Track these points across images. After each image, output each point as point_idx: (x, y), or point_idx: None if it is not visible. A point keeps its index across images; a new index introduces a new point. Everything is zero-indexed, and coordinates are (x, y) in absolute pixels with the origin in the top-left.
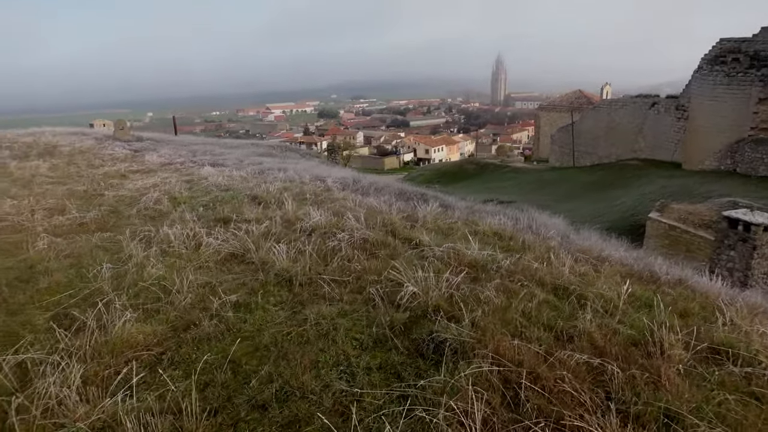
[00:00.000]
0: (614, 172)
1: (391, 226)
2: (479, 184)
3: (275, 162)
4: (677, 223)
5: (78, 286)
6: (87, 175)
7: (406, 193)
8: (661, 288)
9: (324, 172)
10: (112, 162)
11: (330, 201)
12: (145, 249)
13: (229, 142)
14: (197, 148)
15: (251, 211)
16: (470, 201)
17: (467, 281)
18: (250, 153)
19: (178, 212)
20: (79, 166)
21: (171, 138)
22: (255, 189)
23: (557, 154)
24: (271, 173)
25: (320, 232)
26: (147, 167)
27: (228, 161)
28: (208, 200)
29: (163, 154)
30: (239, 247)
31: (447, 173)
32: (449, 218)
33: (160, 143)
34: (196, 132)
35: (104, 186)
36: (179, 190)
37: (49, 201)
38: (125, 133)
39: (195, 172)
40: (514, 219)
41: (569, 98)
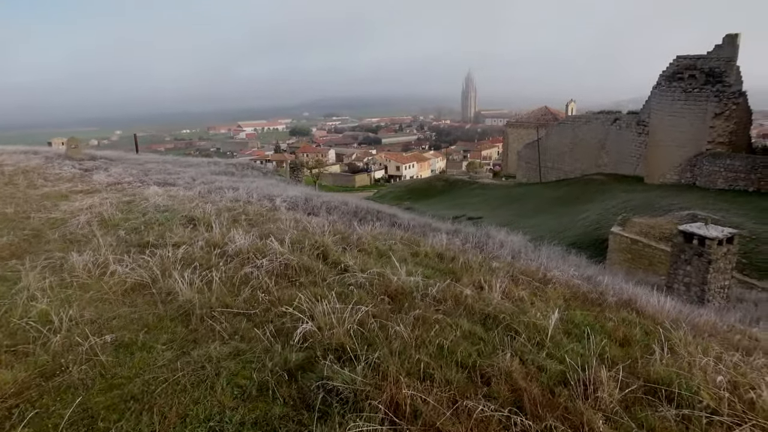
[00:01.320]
0: (579, 187)
1: (323, 248)
2: (448, 200)
3: (230, 181)
4: (638, 236)
5: None
6: (22, 196)
7: (360, 212)
8: (605, 312)
9: (277, 191)
10: (56, 182)
11: (269, 222)
12: (45, 278)
13: (186, 161)
14: (152, 167)
15: (178, 234)
16: (429, 217)
17: (385, 312)
18: (207, 172)
19: (101, 236)
20: (17, 187)
21: (129, 156)
22: (194, 210)
23: (524, 169)
24: (219, 192)
25: (241, 257)
26: (92, 187)
27: (180, 181)
28: (139, 223)
29: (112, 174)
30: (147, 276)
31: (416, 190)
32: (391, 238)
33: (114, 162)
34: (161, 150)
35: (37, 208)
36: (114, 211)
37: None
38: (77, 151)
39: (139, 192)
40: (466, 237)
41: (536, 115)
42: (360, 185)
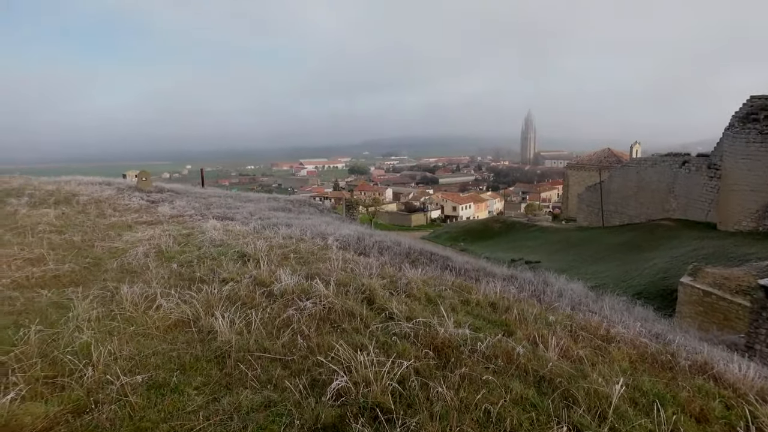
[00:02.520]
0: (644, 233)
1: (369, 292)
2: (505, 243)
3: (286, 217)
4: (712, 288)
5: (1, 349)
6: (91, 225)
7: (412, 253)
8: (677, 378)
9: (331, 229)
10: (123, 213)
11: (318, 261)
12: (95, 309)
13: (247, 196)
14: (214, 201)
15: (228, 270)
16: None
17: (429, 368)
18: (265, 207)
19: (155, 269)
20: (88, 216)
21: (195, 190)
22: (246, 246)
23: (586, 213)
24: (274, 229)
25: (286, 298)
26: (155, 219)
27: (238, 215)
28: (193, 256)
29: (176, 206)
30: (190, 313)
31: (473, 231)
32: (442, 283)
33: (180, 195)
34: (226, 185)
35: (102, 237)
36: (171, 244)
37: (35, 251)
38: (147, 184)
39: (198, 225)
40: (522, 284)
41: (598, 157)
42: (416, 225)
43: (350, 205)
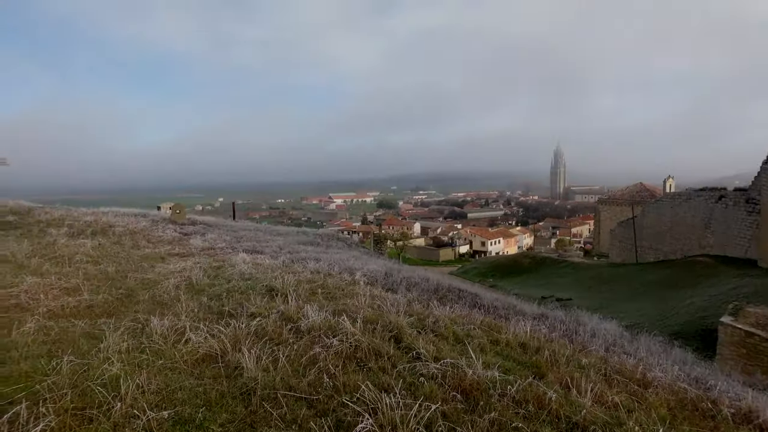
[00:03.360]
0: (681, 270)
1: (396, 331)
2: (535, 279)
3: (314, 251)
4: (755, 329)
5: (35, 378)
6: (125, 256)
7: (440, 290)
8: (719, 428)
9: (359, 264)
10: (156, 244)
11: (346, 297)
12: (125, 341)
13: (277, 229)
14: (244, 234)
15: (256, 304)
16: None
17: (457, 412)
18: (294, 241)
19: (185, 301)
20: (123, 247)
21: (226, 223)
22: (275, 280)
23: (618, 249)
24: (302, 263)
25: (312, 335)
26: (187, 251)
27: (267, 249)
28: (222, 290)
29: (208, 239)
30: (217, 348)
31: (502, 267)
32: (471, 322)
33: (212, 228)
34: (257, 218)
35: (135, 268)
36: (202, 276)
37: (71, 281)
38: (181, 216)
39: (228, 258)
40: (553, 323)
41: (630, 192)
42: (444, 259)
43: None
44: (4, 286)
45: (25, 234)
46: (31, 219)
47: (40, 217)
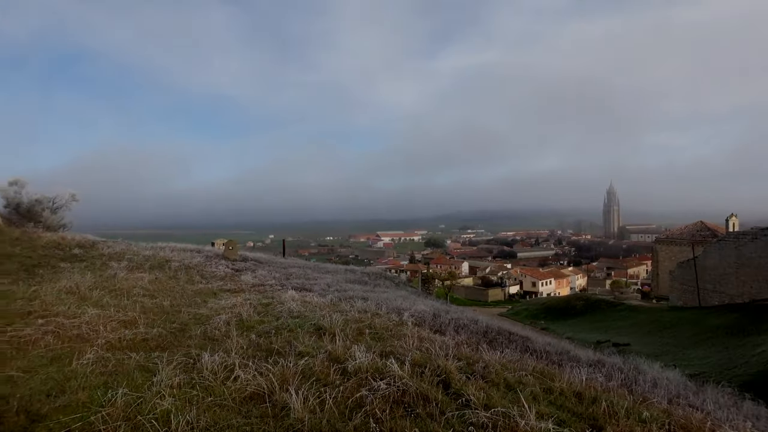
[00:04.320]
0: (749, 315)
1: (445, 375)
2: (589, 322)
3: (362, 290)
4: None
5: (91, 408)
6: (180, 291)
7: (490, 332)
8: None
9: (407, 303)
10: (210, 280)
11: (393, 338)
12: (177, 375)
13: (325, 267)
14: (293, 272)
15: (304, 343)
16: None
17: None
18: (342, 279)
19: (236, 338)
20: (178, 281)
21: (276, 260)
22: (323, 319)
23: (679, 291)
24: (350, 302)
25: (360, 377)
26: (238, 287)
27: (316, 286)
28: (271, 327)
29: (258, 276)
30: (265, 386)
31: (554, 308)
32: (522, 368)
33: (262, 264)
34: (305, 255)
35: (189, 303)
36: (252, 313)
37: (128, 314)
38: (233, 252)
39: (278, 295)
40: (610, 371)
41: (690, 230)
42: (493, 300)
43: (426, 278)
44: (68, 316)
45: (89, 266)
46: (94, 252)
47: (103, 250)
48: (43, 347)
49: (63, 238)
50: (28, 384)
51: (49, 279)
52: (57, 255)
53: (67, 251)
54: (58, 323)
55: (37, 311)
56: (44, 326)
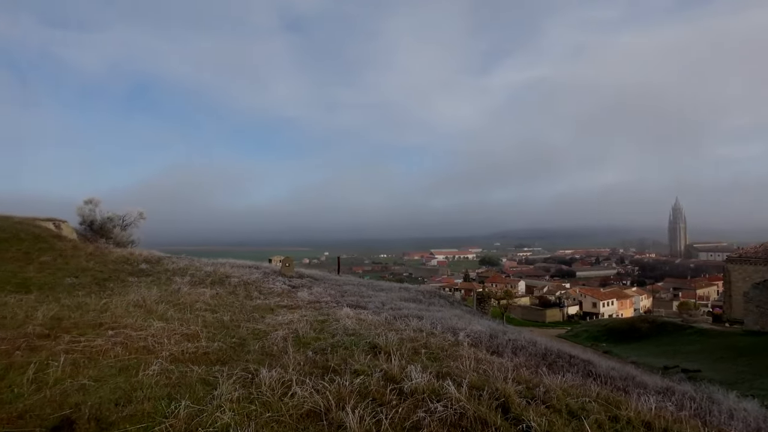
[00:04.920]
0: None
1: (504, 399)
2: (655, 346)
3: (417, 308)
4: None
5: (155, 419)
6: (239, 306)
7: (549, 355)
8: None
9: (462, 323)
10: (267, 296)
11: (449, 358)
12: (236, 390)
13: (379, 285)
14: (348, 289)
15: (359, 361)
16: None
17: None
18: (396, 297)
19: (293, 354)
20: (237, 297)
21: (331, 277)
22: (378, 337)
23: (755, 314)
24: (405, 321)
25: (416, 398)
26: (295, 303)
27: (370, 304)
28: (327, 344)
29: (314, 292)
30: (322, 404)
31: (616, 331)
32: (585, 394)
33: (318, 281)
34: (360, 272)
35: (247, 318)
36: (308, 330)
37: (191, 327)
38: (290, 269)
39: (333, 312)
40: (681, 400)
41: (766, 249)
42: (551, 320)
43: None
44: (135, 329)
45: (155, 281)
46: (160, 267)
47: (168, 266)
48: (112, 357)
49: (131, 254)
50: (98, 392)
51: (118, 292)
52: (126, 269)
53: (135, 266)
54: (126, 335)
55: (108, 323)
56: (114, 337)
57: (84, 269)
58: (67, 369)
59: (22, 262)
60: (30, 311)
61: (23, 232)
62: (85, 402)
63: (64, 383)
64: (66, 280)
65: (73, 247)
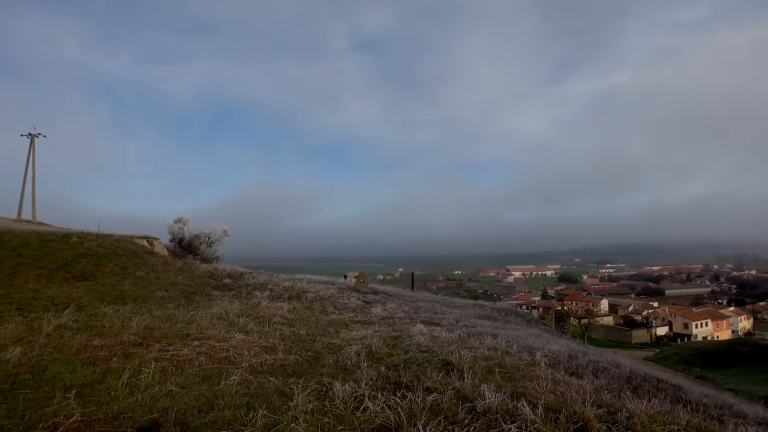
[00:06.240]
0: None
1: (582, 423)
2: (757, 372)
3: (491, 326)
4: None
5: (234, 426)
6: (315, 321)
7: (634, 379)
8: None
9: (539, 342)
10: (342, 311)
11: (525, 378)
12: (311, 402)
13: (453, 301)
14: (422, 305)
15: (432, 378)
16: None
17: None
18: (471, 314)
19: (366, 369)
20: (313, 311)
21: (405, 293)
22: (451, 354)
23: None
24: (479, 338)
25: (489, 417)
26: (369, 319)
27: (444, 321)
28: (400, 360)
29: (387, 308)
30: (393, 420)
31: (711, 355)
32: (674, 422)
33: (391, 297)
34: (434, 289)
35: (323, 332)
36: (381, 345)
37: (269, 340)
38: (364, 285)
39: (406, 329)
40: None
41: None
42: (637, 342)
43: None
44: (218, 340)
45: (236, 295)
46: (241, 282)
47: (249, 281)
48: (196, 366)
49: (216, 269)
50: (183, 399)
51: (203, 305)
52: (210, 284)
53: (219, 281)
54: (210, 346)
55: (193, 334)
56: (198, 348)
57: (173, 283)
58: (157, 376)
59: (119, 276)
60: (125, 321)
61: (121, 248)
62: (171, 407)
63: (153, 389)
64: (157, 293)
65: (164, 262)
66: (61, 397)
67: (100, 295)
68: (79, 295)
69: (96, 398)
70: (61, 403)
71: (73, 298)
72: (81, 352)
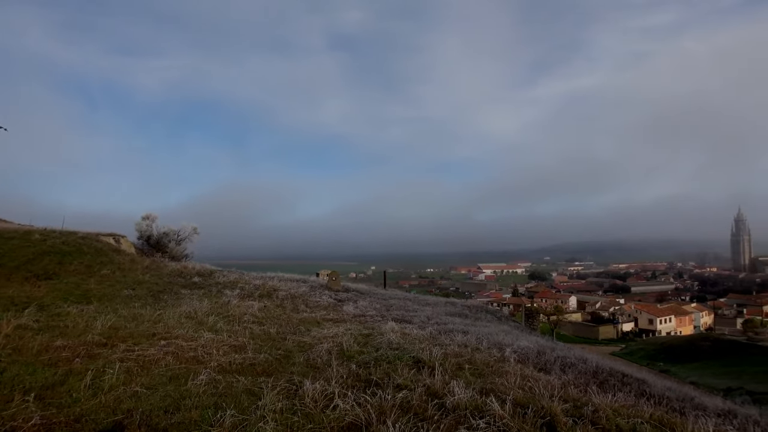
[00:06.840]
0: None
1: (549, 418)
2: (717, 366)
3: (462, 323)
4: None
5: (201, 427)
6: (286, 319)
7: (600, 373)
8: None
9: (509, 339)
10: (313, 309)
11: (494, 374)
12: (280, 401)
13: (425, 299)
14: (394, 303)
15: (402, 375)
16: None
17: None
18: (442, 312)
19: (336, 367)
20: (284, 310)
21: (377, 291)
22: (422, 352)
23: None
24: (450, 335)
25: (458, 413)
26: (340, 317)
27: (415, 318)
28: (371, 358)
29: (359, 306)
30: (363, 418)
31: (674, 349)
32: (638, 414)
33: (364, 295)
34: (406, 287)
35: (293, 331)
36: (352, 343)
37: (239, 339)
38: (336, 283)
39: (378, 327)
40: (744, 425)
41: None
42: (604, 338)
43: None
44: (186, 339)
45: (206, 294)
46: (211, 281)
47: (219, 279)
48: (163, 367)
49: (185, 267)
50: (149, 400)
51: (171, 304)
52: (179, 282)
53: (188, 279)
54: (178, 345)
55: (161, 333)
56: (165, 347)
57: (140, 282)
58: (121, 376)
59: (84, 275)
60: (90, 321)
61: (86, 246)
62: (136, 408)
63: (117, 390)
64: (124, 292)
65: (131, 260)
66: (20, 400)
67: (63, 294)
68: (41, 294)
69: (57, 400)
70: (20, 406)
71: (34, 297)
72: (42, 354)
